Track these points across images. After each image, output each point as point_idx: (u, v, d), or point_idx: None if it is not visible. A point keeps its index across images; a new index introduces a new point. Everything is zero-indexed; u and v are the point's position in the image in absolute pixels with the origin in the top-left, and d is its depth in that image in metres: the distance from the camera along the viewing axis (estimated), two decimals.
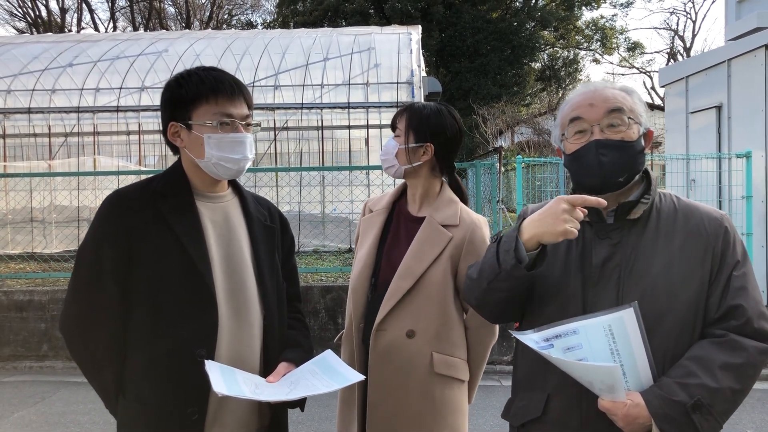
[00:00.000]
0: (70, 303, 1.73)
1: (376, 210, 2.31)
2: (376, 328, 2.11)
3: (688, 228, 1.61)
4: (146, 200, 1.73)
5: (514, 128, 22.93)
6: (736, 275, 1.57)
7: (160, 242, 1.69)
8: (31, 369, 6.26)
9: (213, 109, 1.73)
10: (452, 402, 2.15)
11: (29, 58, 11.04)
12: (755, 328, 1.53)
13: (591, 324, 1.50)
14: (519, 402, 1.73)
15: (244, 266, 1.80)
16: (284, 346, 1.86)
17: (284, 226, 2.01)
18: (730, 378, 1.47)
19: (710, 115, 8.34)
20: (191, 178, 1.80)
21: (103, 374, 1.73)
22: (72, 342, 1.73)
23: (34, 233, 9.57)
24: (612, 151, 1.60)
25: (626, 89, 1.69)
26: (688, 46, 36.41)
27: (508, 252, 1.56)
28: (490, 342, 2.24)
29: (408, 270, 2.12)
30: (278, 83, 10.58)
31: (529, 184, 7.74)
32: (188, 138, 1.75)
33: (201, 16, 36.43)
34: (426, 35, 24.03)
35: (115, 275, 1.67)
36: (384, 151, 2.25)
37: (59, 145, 10.43)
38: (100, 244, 1.70)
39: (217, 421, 1.72)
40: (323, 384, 1.67)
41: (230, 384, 1.57)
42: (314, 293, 6.38)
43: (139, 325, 1.69)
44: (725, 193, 7.48)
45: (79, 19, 34.72)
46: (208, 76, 1.75)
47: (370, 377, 2.10)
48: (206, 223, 1.77)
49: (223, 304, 1.72)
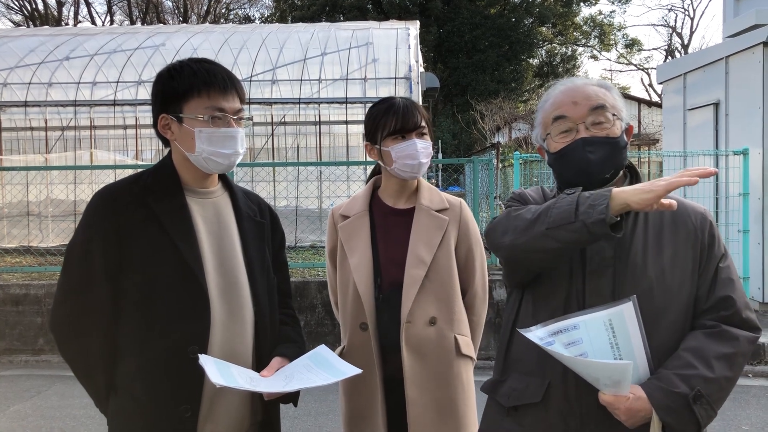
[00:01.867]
0: (60, 302, 1.70)
1: (355, 214, 2.25)
2: (405, 321, 2.10)
3: (675, 222, 1.64)
4: (136, 197, 1.70)
5: (511, 124, 22.93)
6: (722, 267, 1.61)
7: (151, 241, 1.66)
8: (27, 363, 6.25)
9: (205, 102, 1.70)
10: (472, 382, 2.24)
11: (26, 51, 11.00)
12: (743, 318, 1.58)
13: (591, 319, 1.51)
14: (513, 383, 1.70)
15: (236, 263, 1.78)
16: (276, 342, 1.85)
17: (274, 221, 1.98)
18: (724, 367, 1.51)
19: (708, 112, 8.35)
20: (181, 172, 1.77)
21: (94, 373, 1.70)
22: (63, 342, 1.71)
23: (31, 227, 9.55)
24: (599, 148, 1.61)
25: (604, 85, 1.71)
26: (686, 43, 36.48)
27: (594, 207, 1.46)
28: (485, 316, 2.36)
29: (417, 258, 2.13)
30: (276, 78, 10.56)
31: (526, 180, 7.73)
32: (179, 131, 1.72)
33: (198, 10, 36.32)
34: (424, 30, 24.01)
35: (106, 273, 1.65)
36: (427, 153, 2.17)
37: (56, 139, 10.40)
38: (90, 241, 1.67)
39: (210, 418, 1.71)
40: (319, 377, 1.67)
41: (226, 376, 1.56)
42: (311, 288, 6.37)
43: (131, 324, 1.66)
44: (722, 190, 7.49)
45: (76, 12, 34.68)
46: (201, 68, 1.72)
47: (407, 374, 2.10)
48: (197, 219, 1.74)
49: (216, 301, 1.70)
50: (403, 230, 2.19)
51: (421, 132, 2.17)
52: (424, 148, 2.15)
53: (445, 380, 2.14)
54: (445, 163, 9.98)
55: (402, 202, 2.25)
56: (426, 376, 2.12)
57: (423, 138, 2.17)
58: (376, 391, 2.13)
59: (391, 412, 2.14)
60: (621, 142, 1.64)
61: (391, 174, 2.21)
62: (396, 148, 2.13)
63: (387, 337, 2.14)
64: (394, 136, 2.14)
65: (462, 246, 2.22)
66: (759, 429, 4.43)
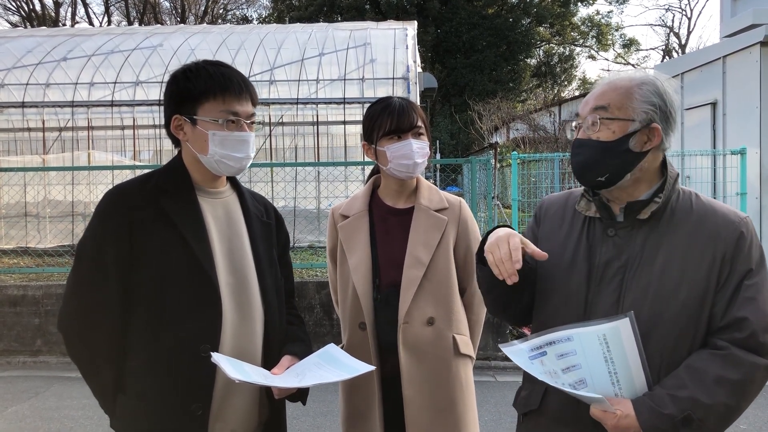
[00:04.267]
0: (69, 299, 1.70)
1: (354, 214, 2.25)
2: (402, 321, 2.11)
3: (700, 231, 1.54)
4: (147, 196, 1.71)
5: (509, 124, 22.95)
6: (747, 284, 1.49)
7: (163, 239, 1.67)
8: (24, 364, 6.24)
9: (220, 106, 1.71)
10: (471, 381, 2.24)
11: (23, 52, 10.97)
12: (760, 342, 1.45)
13: (585, 332, 1.48)
14: (523, 391, 1.75)
15: (246, 262, 1.80)
16: (285, 341, 1.87)
17: (279, 222, 2.01)
18: (725, 393, 1.42)
19: (705, 112, 8.36)
20: (192, 172, 1.79)
21: (102, 373, 1.71)
22: (71, 340, 1.71)
23: (28, 228, 9.52)
24: (584, 151, 1.60)
25: (636, 80, 1.58)
26: (684, 42, 36.55)
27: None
28: (484, 315, 2.36)
29: (416, 259, 2.13)
30: (274, 78, 10.55)
31: (524, 180, 7.74)
32: (192, 132, 1.73)
33: (196, 10, 36.30)
34: (422, 31, 24.00)
35: (117, 272, 1.66)
36: (422, 153, 2.18)
37: (53, 140, 10.38)
38: (101, 240, 1.67)
39: (220, 417, 1.72)
40: (332, 374, 1.68)
41: (241, 372, 1.58)
42: (309, 289, 6.37)
43: (142, 322, 1.67)
44: (720, 189, 7.49)
45: (74, 13, 34.64)
46: (217, 72, 1.73)
47: (404, 374, 2.11)
48: (208, 218, 1.76)
49: (227, 299, 1.71)
50: (402, 230, 2.19)
51: (418, 132, 2.17)
52: (419, 148, 2.15)
53: (444, 380, 2.14)
54: (444, 163, 9.99)
55: (401, 201, 2.25)
56: (423, 375, 2.12)
57: (419, 138, 2.17)
58: (373, 390, 2.13)
59: (390, 411, 2.14)
60: (616, 146, 1.55)
61: (388, 174, 2.22)
62: (391, 148, 2.14)
63: (385, 337, 2.15)
64: (389, 136, 2.14)
65: (461, 245, 2.23)
66: (757, 428, 4.44)
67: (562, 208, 1.75)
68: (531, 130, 19.83)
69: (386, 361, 2.15)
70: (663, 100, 1.57)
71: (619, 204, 1.62)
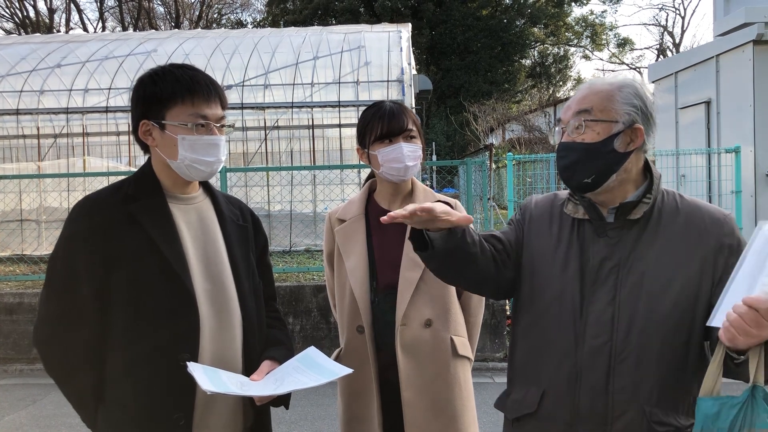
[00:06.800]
0: (42, 307, 1.69)
1: (351, 218, 2.26)
2: (400, 323, 2.12)
3: (689, 228, 1.60)
4: (118, 204, 1.69)
5: (504, 125, 22.99)
6: None
7: (135, 245, 1.65)
8: (21, 372, 6.22)
9: (188, 110, 1.69)
10: (470, 382, 2.25)
11: (17, 58, 10.95)
12: None
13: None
14: (515, 395, 1.74)
15: (222, 267, 1.78)
16: (265, 346, 1.85)
17: (256, 224, 1.98)
18: None
19: (699, 111, 8.39)
20: (162, 179, 1.76)
21: (78, 382, 1.68)
22: (46, 351, 1.69)
23: (24, 235, 9.50)
24: (569, 153, 1.62)
25: (616, 84, 1.63)
26: (678, 42, 36.64)
27: None
28: (481, 317, 2.38)
29: (412, 261, 2.13)
30: (268, 82, 10.54)
31: (519, 181, 7.75)
32: (161, 137, 1.71)
33: (190, 15, 36.29)
34: (416, 33, 24.05)
35: (88, 279, 1.63)
36: (414, 156, 2.19)
37: (48, 147, 10.35)
38: (72, 248, 1.66)
39: (203, 425, 1.70)
40: (310, 379, 1.67)
41: (216, 382, 1.56)
42: (306, 292, 6.36)
43: (118, 330, 1.65)
44: (715, 188, 7.52)
45: (68, 19, 34.64)
46: (184, 75, 1.71)
47: (402, 375, 2.11)
48: (180, 224, 1.73)
49: (204, 305, 1.69)
50: (399, 233, 2.19)
51: (409, 135, 2.18)
52: (411, 152, 2.16)
53: (442, 381, 2.15)
54: (439, 165, 10.00)
55: (397, 204, 2.26)
56: (422, 377, 2.13)
57: (411, 141, 2.18)
58: (372, 393, 2.14)
59: (389, 414, 2.15)
60: (602, 147, 1.58)
61: (381, 177, 2.23)
62: (382, 152, 2.15)
63: (383, 340, 2.15)
64: (381, 140, 2.16)
65: None
66: None
67: (549, 210, 1.78)
68: (526, 131, 19.89)
69: (384, 364, 2.15)
70: (643, 101, 1.62)
71: (607, 207, 1.64)
